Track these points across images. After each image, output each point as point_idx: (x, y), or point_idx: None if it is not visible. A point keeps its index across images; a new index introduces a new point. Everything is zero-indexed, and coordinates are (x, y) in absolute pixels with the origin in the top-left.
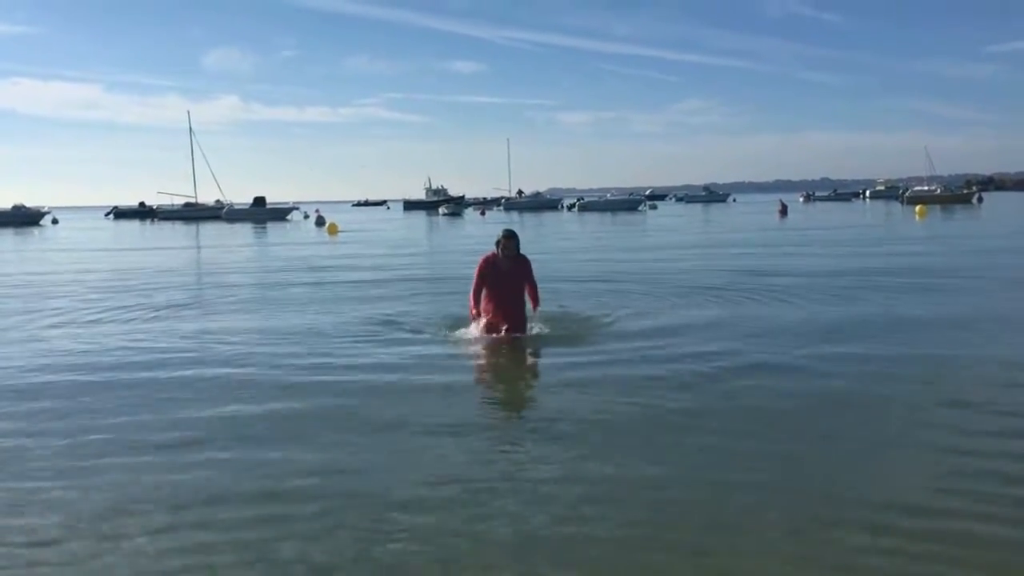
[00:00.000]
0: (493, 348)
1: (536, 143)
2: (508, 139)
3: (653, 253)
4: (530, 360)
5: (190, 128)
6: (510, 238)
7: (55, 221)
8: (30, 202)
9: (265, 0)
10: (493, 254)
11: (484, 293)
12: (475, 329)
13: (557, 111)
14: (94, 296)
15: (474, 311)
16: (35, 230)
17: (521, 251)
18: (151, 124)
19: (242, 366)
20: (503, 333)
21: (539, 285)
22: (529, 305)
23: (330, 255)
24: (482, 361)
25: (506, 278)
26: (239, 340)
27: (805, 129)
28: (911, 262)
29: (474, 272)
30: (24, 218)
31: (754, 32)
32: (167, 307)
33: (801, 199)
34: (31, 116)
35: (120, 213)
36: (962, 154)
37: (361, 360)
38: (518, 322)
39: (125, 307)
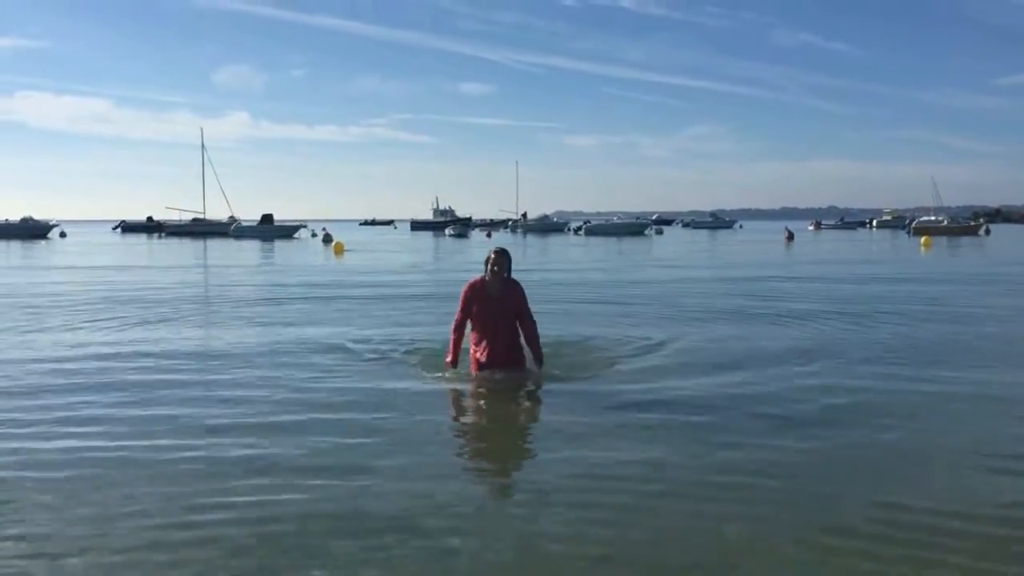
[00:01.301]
0: (481, 385)
1: (544, 165)
2: (517, 161)
3: (666, 272)
4: (525, 403)
5: (202, 144)
6: (501, 255)
7: (63, 234)
8: (39, 215)
9: (276, 18)
10: (480, 279)
11: (471, 327)
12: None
13: (566, 134)
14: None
15: (450, 356)
16: (42, 243)
17: (515, 275)
18: (161, 139)
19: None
20: (493, 372)
21: (538, 321)
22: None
23: (332, 270)
24: (465, 403)
25: (496, 307)
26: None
27: (812, 157)
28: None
29: (460, 299)
30: (32, 231)
31: (763, 60)
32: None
33: (811, 227)
34: (42, 130)
35: (128, 227)
36: (969, 185)
37: (320, 393)
38: (513, 360)
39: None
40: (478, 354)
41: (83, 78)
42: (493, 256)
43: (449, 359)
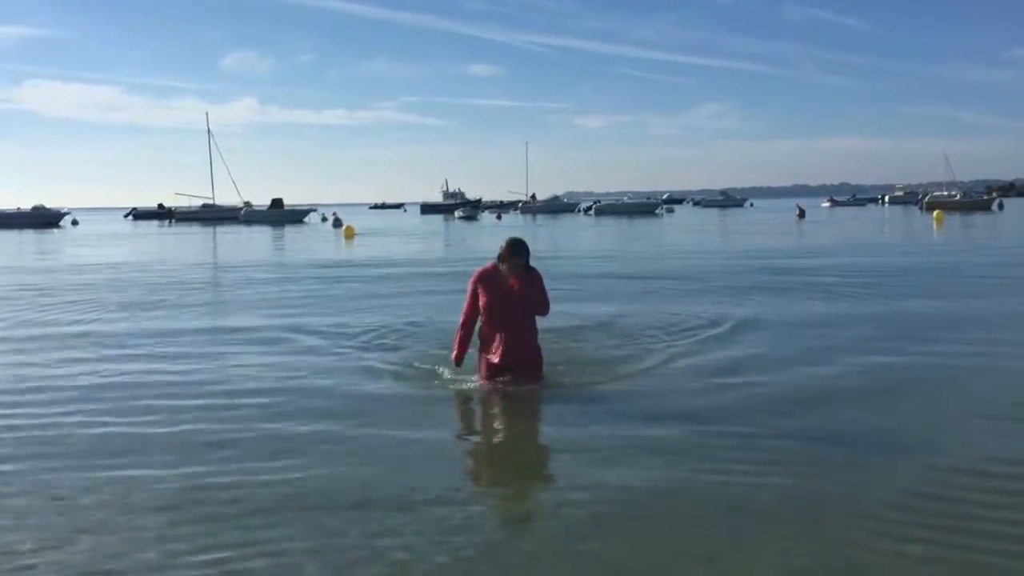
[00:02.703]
0: (492, 397)
1: (553, 146)
2: (527, 143)
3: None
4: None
5: (208, 130)
6: (516, 252)
7: (75, 222)
8: (50, 203)
9: (283, 3)
10: (492, 266)
11: (482, 322)
12: (456, 373)
13: (574, 115)
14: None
15: (456, 352)
16: (55, 231)
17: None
18: (170, 126)
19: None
20: (506, 381)
21: (552, 304)
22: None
23: (341, 254)
24: (472, 414)
25: (511, 299)
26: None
27: (823, 134)
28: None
29: (467, 291)
30: (44, 219)
31: (773, 36)
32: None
33: (826, 204)
34: (52, 118)
35: (139, 215)
36: (982, 159)
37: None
38: (530, 362)
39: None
40: (489, 355)
41: (91, 65)
42: (506, 253)
43: (455, 355)
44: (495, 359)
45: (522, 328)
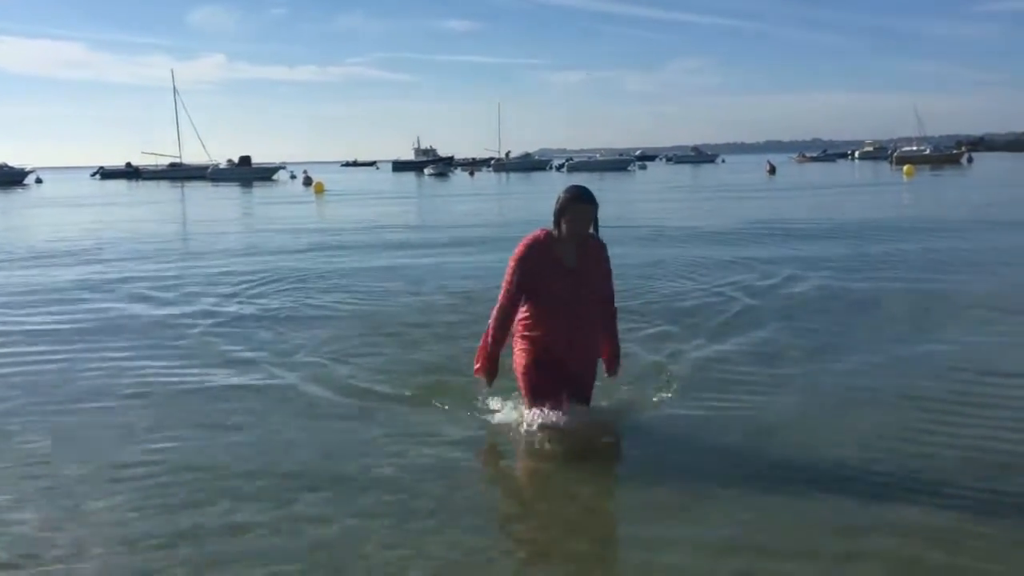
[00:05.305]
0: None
1: (528, 103)
2: (499, 102)
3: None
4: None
5: (174, 88)
6: (583, 200)
7: (39, 181)
8: (14, 162)
9: None
10: (544, 235)
11: (525, 310)
12: (492, 383)
13: (549, 71)
14: None
15: (483, 363)
16: (18, 190)
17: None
18: (137, 83)
19: None
20: (560, 401)
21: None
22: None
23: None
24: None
25: (573, 282)
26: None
27: (797, 89)
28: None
29: (506, 271)
30: (8, 178)
31: None
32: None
33: (796, 159)
34: (16, 75)
35: (107, 173)
36: (953, 115)
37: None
38: (590, 370)
39: None
40: (536, 349)
41: (56, 21)
42: (569, 203)
43: (481, 366)
44: (543, 353)
45: (585, 320)
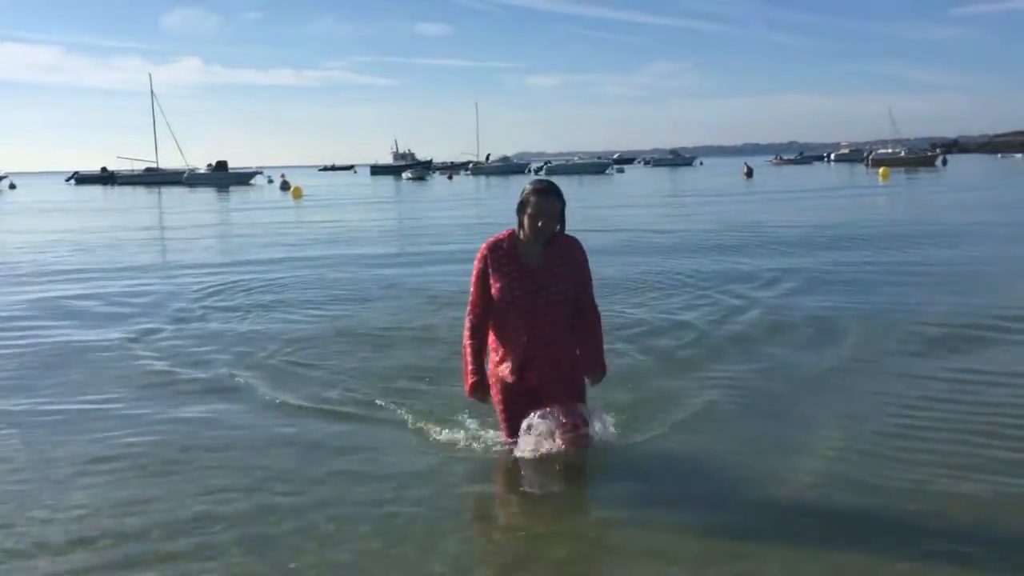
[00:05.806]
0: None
1: (505, 106)
2: (476, 104)
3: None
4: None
5: (151, 91)
6: (546, 192)
7: (12, 186)
8: None
9: None
10: (508, 236)
11: (493, 322)
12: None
13: (526, 74)
14: None
15: (472, 374)
16: None
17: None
18: (112, 87)
19: None
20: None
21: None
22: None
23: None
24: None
25: (538, 286)
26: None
27: (773, 92)
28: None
29: (471, 276)
30: None
31: None
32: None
33: (774, 162)
34: None
35: (81, 179)
36: (927, 117)
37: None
38: (568, 383)
39: None
40: (502, 369)
41: (28, 25)
42: (533, 196)
43: (471, 378)
44: (510, 374)
45: (552, 327)
